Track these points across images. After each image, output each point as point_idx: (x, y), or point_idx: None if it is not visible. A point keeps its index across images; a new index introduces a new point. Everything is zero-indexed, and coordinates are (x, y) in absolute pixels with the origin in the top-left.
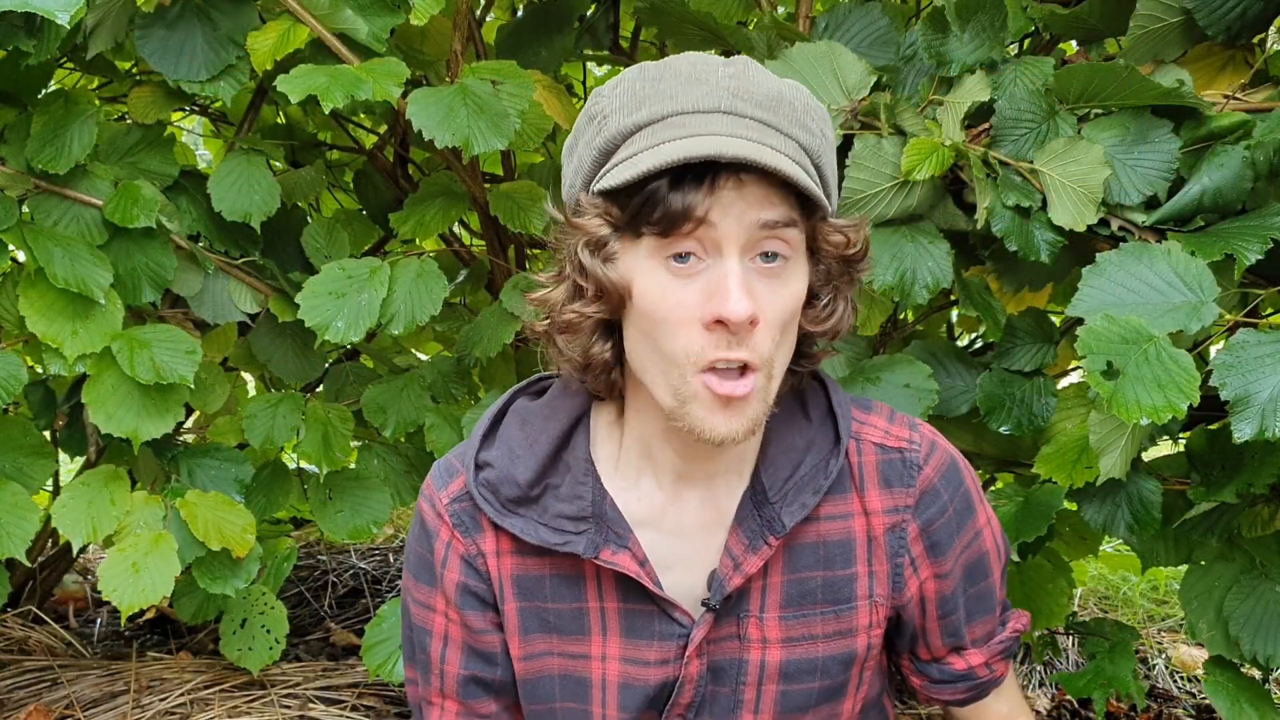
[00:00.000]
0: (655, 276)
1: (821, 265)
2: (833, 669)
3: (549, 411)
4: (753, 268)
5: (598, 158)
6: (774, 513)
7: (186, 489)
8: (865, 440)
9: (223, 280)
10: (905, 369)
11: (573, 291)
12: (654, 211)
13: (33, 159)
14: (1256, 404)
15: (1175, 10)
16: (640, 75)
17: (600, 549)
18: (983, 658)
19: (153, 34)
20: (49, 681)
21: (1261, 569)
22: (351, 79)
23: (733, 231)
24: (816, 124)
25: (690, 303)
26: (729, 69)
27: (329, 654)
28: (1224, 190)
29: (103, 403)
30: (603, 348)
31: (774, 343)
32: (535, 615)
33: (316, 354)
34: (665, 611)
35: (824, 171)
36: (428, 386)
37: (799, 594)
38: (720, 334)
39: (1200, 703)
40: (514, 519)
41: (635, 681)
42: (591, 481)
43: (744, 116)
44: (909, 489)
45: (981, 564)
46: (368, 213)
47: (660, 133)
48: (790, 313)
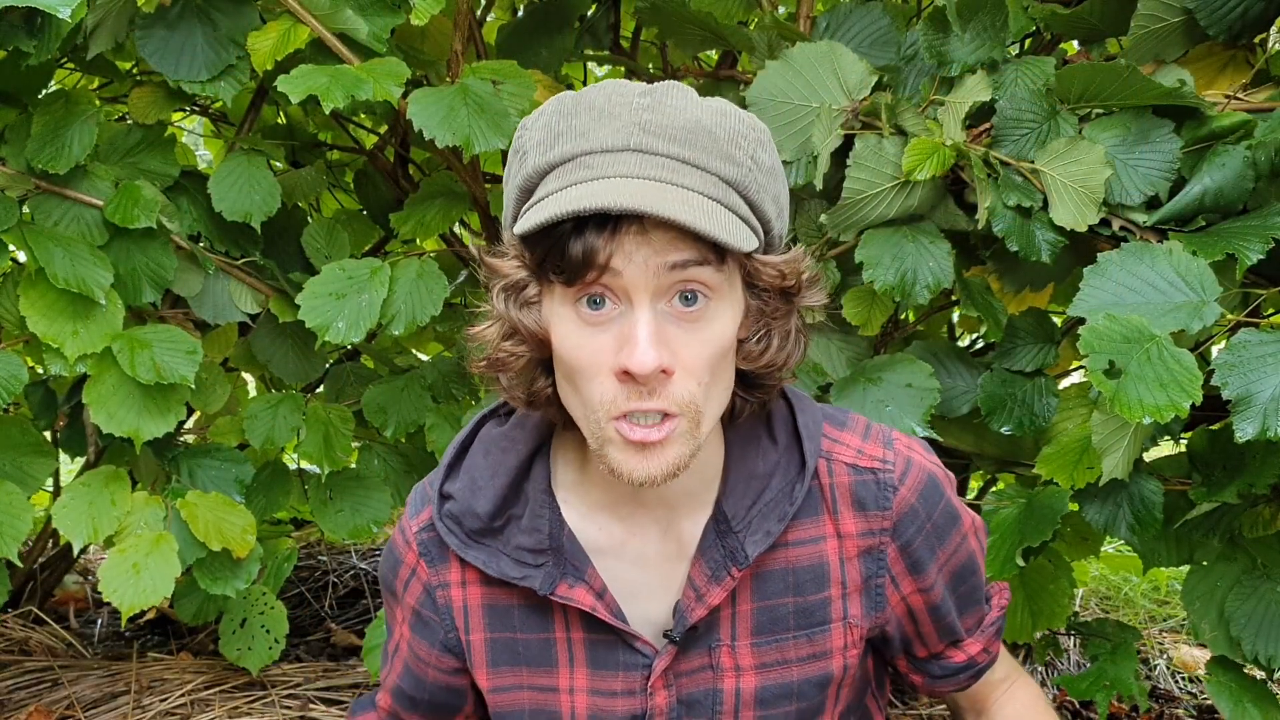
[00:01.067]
0: (569, 324)
1: (755, 300)
2: (809, 692)
3: (509, 441)
4: (669, 312)
5: (519, 196)
6: (737, 543)
7: (187, 489)
8: (837, 460)
9: (223, 280)
10: (907, 368)
11: (505, 330)
12: (558, 259)
13: (33, 159)
14: (1258, 403)
15: (1176, 10)
16: (557, 109)
17: (557, 583)
18: (980, 644)
19: (153, 34)
20: (50, 682)
21: (1263, 569)
22: (352, 79)
23: (639, 278)
24: (743, 152)
25: (603, 351)
26: (644, 99)
27: (329, 654)
28: (1225, 190)
29: (103, 403)
30: (544, 383)
31: (699, 386)
32: (505, 647)
33: (317, 354)
34: (627, 642)
35: (754, 201)
36: (428, 387)
37: (770, 621)
38: (632, 384)
39: (1202, 703)
40: (477, 550)
41: (603, 713)
42: (549, 513)
43: (653, 154)
44: (884, 512)
45: (969, 565)
46: (368, 213)
47: (569, 174)
48: (715, 355)
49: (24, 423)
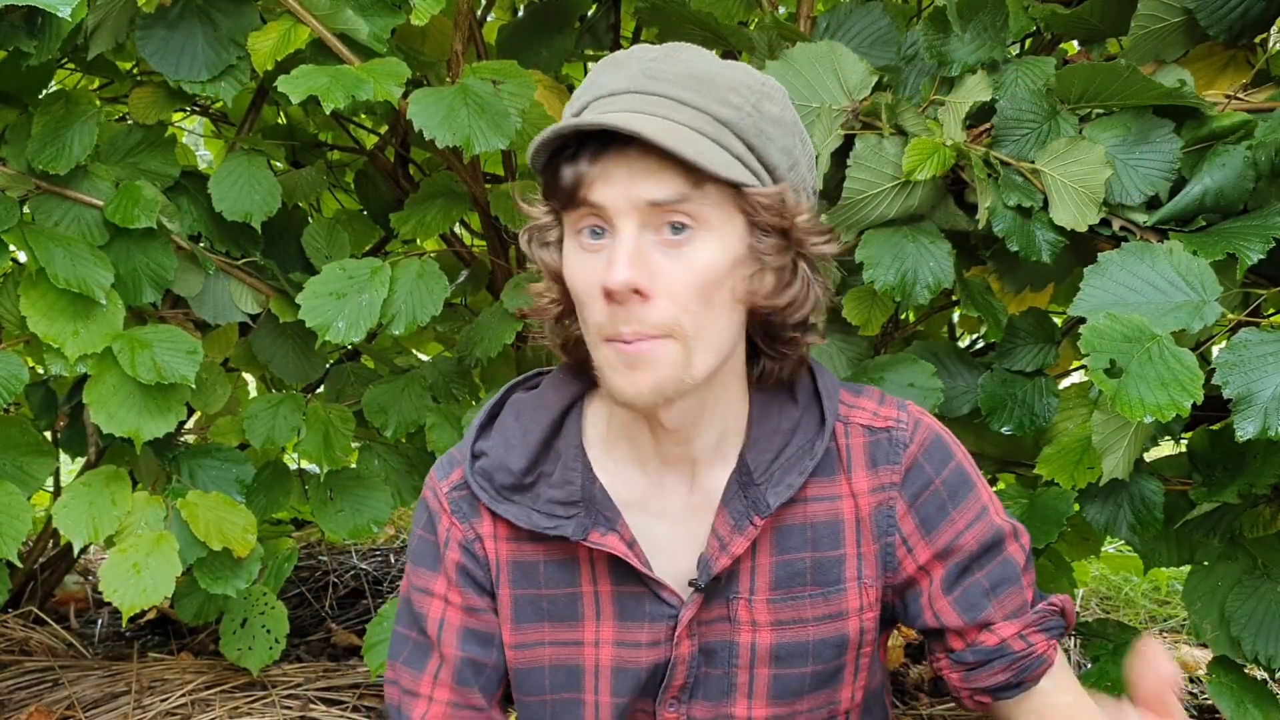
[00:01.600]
0: (573, 253)
1: (755, 240)
2: (824, 653)
3: (541, 401)
4: (657, 239)
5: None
6: (759, 494)
7: (187, 489)
8: (853, 423)
9: (223, 281)
10: (909, 368)
11: (542, 277)
12: (552, 185)
13: (33, 159)
14: (1259, 403)
15: (1177, 10)
16: (590, 71)
17: (589, 531)
18: (1015, 628)
19: (153, 34)
20: (50, 682)
21: (1263, 569)
22: (352, 79)
23: (619, 204)
24: (743, 98)
25: (594, 274)
26: (655, 53)
27: (330, 655)
28: (1225, 190)
29: (104, 403)
30: (575, 327)
31: (685, 314)
32: (530, 602)
33: (317, 354)
34: (654, 593)
35: (754, 144)
36: (429, 387)
37: (787, 575)
38: (616, 307)
39: (1202, 703)
40: (508, 505)
41: (627, 665)
42: (581, 467)
43: (650, 94)
44: (894, 466)
45: (995, 540)
46: (368, 213)
47: (582, 119)
48: (700, 284)
49: (24, 423)
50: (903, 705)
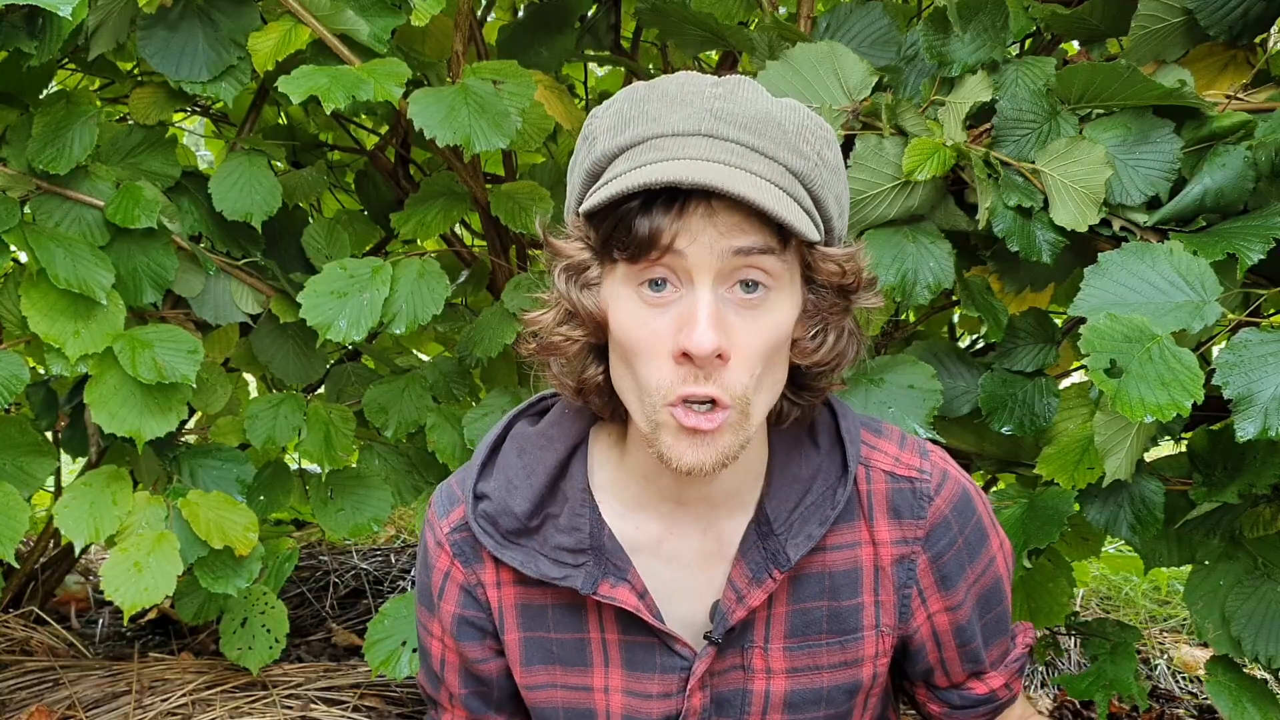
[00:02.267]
0: (629, 304)
1: (814, 295)
2: (838, 699)
3: (546, 440)
4: (730, 298)
5: (586, 180)
6: (779, 544)
7: (188, 489)
8: (875, 467)
9: (224, 281)
10: (909, 370)
11: (561, 315)
12: (624, 237)
13: (34, 160)
14: (1259, 403)
15: (1177, 10)
16: (629, 96)
17: (599, 583)
18: (1002, 679)
19: (154, 35)
20: (51, 682)
21: (1263, 569)
22: (353, 79)
23: (703, 260)
24: (811, 146)
25: (662, 333)
26: (717, 89)
27: (330, 655)
28: (1226, 190)
29: (105, 402)
30: (595, 371)
31: (752, 377)
32: (539, 646)
33: (318, 354)
34: (666, 644)
35: (818, 194)
36: (429, 387)
37: (804, 624)
38: (688, 367)
39: (1202, 703)
40: (513, 551)
41: (638, 714)
42: (589, 512)
43: (724, 139)
44: (919, 521)
45: (996, 590)
46: (369, 213)
47: (640, 155)
48: (773, 345)
49: (24, 423)
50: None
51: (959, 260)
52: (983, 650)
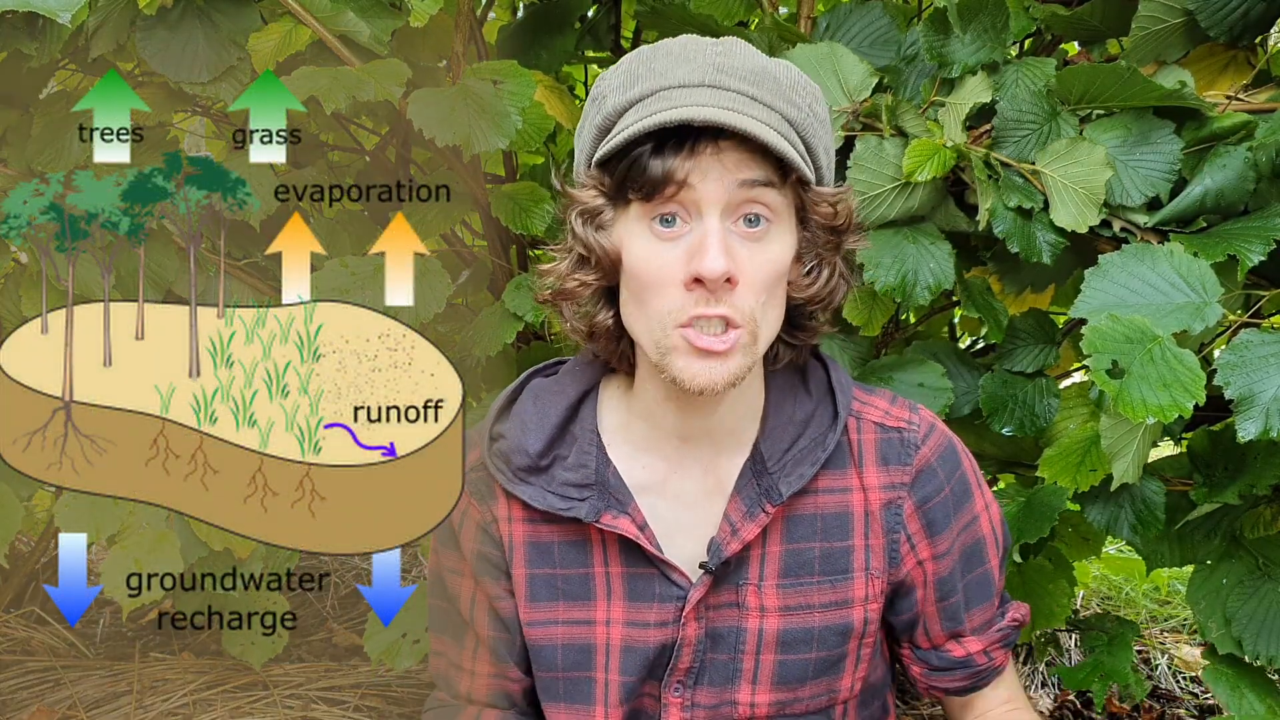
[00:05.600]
0: (642, 240)
1: (808, 233)
2: (830, 639)
3: (559, 387)
4: (735, 231)
5: (596, 135)
6: (772, 482)
7: None
8: (865, 419)
9: (225, 280)
10: (919, 368)
11: (575, 262)
12: (638, 176)
13: (33, 160)
14: (1261, 403)
15: (1177, 11)
16: (636, 56)
17: (601, 513)
18: (981, 645)
19: (154, 35)
20: (51, 682)
21: (1264, 569)
22: (353, 80)
23: (712, 193)
24: (803, 99)
25: (674, 263)
26: (717, 47)
27: (331, 655)
28: (1226, 191)
29: None
30: (605, 315)
31: (758, 302)
32: (544, 582)
33: None
34: (664, 574)
35: (810, 143)
36: None
37: (797, 564)
38: (700, 292)
39: (1203, 703)
40: (524, 487)
41: (636, 644)
42: (596, 451)
43: (727, 89)
44: (906, 467)
45: (979, 549)
46: (369, 213)
47: (649, 106)
48: (774, 275)
49: None
50: (903, 705)
51: (959, 261)
52: (963, 610)
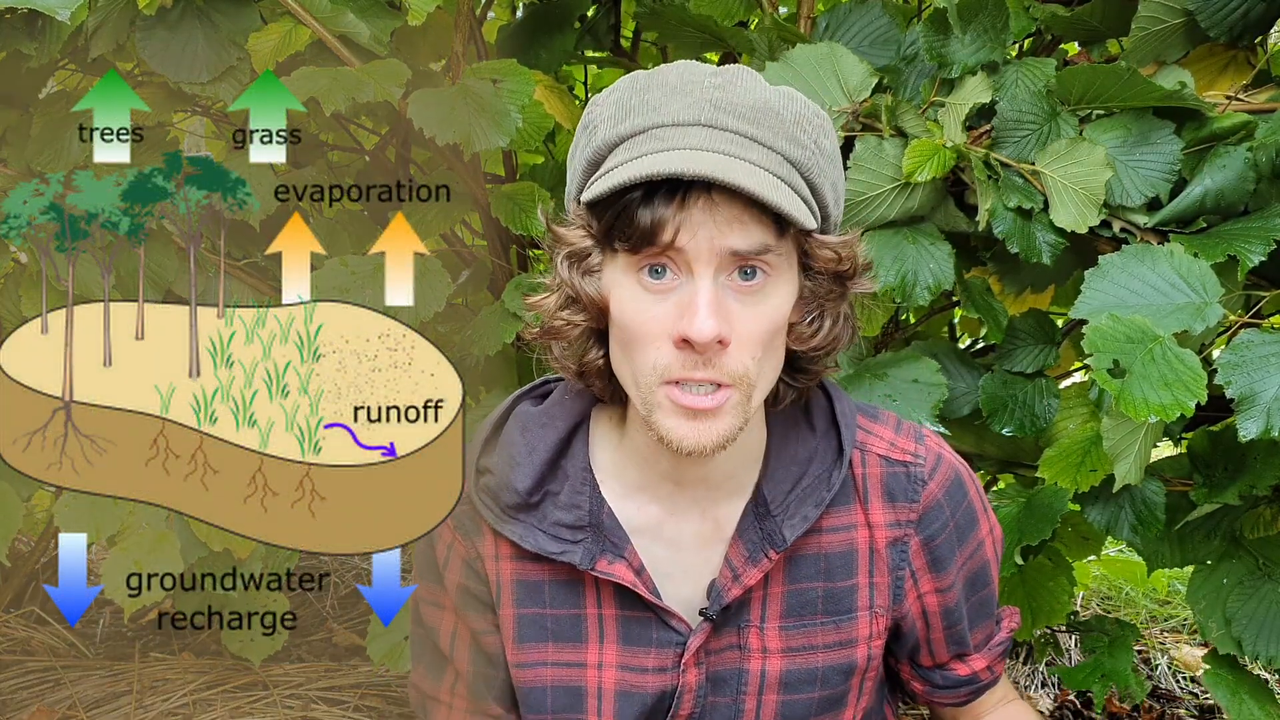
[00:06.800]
0: (630, 291)
1: (810, 282)
2: (833, 679)
3: (548, 419)
4: (729, 285)
5: (586, 168)
6: (775, 525)
7: None
8: (870, 451)
9: (224, 281)
10: (913, 365)
11: (562, 301)
12: (626, 227)
13: (33, 160)
14: (1261, 402)
15: (1177, 11)
16: (630, 85)
17: (596, 559)
18: (985, 661)
19: (154, 35)
20: (52, 682)
21: (1264, 570)
22: (353, 81)
23: (702, 253)
24: (809, 136)
25: (663, 319)
26: (716, 79)
27: (331, 655)
28: (1226, 191)
29: None
30: (595, 355)
31: (753, 360)
32: (534, 622)
33: None
34: (662, 619)
35: (814, 182)
36: None
37: (799, 604)
38: (689, 353)
39: (1203, 703)
40: (513, 525)
41: (633, 689)
42: (589, 490)
43: (723, 129)
44: (913, 504)
45: (984, 573)
46: (369, 213)
47: (640, 145)
48: (770, 330)
49: None
50: (903, 705)
51: (959, 261)
52: (968, 633)
